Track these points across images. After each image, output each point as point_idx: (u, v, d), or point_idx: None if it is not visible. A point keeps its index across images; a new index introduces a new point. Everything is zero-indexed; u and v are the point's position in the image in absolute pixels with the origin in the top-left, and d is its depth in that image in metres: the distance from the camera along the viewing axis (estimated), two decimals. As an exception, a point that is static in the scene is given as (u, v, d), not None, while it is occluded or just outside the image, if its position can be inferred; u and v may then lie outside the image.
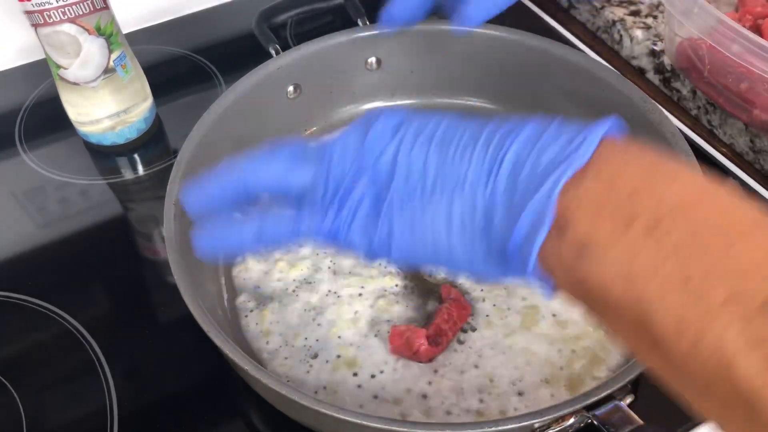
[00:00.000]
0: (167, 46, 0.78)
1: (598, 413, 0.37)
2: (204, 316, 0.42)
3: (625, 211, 0.26)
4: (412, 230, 0.31)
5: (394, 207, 0.31)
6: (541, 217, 0.27)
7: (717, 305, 0.23)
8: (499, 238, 0.29)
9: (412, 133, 0.32)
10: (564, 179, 0.27)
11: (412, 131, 0.32)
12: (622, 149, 0.28)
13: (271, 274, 0.53)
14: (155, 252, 0.60)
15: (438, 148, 0.31)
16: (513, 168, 0.29)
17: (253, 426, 0.48)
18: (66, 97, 0.63)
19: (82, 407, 0.49)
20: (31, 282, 0.57)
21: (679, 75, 0.69)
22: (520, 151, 0.29)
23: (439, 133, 0.32)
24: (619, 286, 0.25)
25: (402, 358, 0.47)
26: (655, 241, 0.25)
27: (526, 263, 0.28)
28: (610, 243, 0.26)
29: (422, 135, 0.32)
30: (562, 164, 0.27)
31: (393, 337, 0.47)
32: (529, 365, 0.47)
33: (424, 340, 0.46)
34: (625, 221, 0.25)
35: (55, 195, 0.64)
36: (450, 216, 0.30)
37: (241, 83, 0.57)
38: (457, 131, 0.31)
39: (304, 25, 0.79)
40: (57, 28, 0.56)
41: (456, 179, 0.30)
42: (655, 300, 0.24)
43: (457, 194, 0.30)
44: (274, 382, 0.39)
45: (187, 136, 0.52)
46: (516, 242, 0.28)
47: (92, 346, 0.52)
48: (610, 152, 0.28)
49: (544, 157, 0.28)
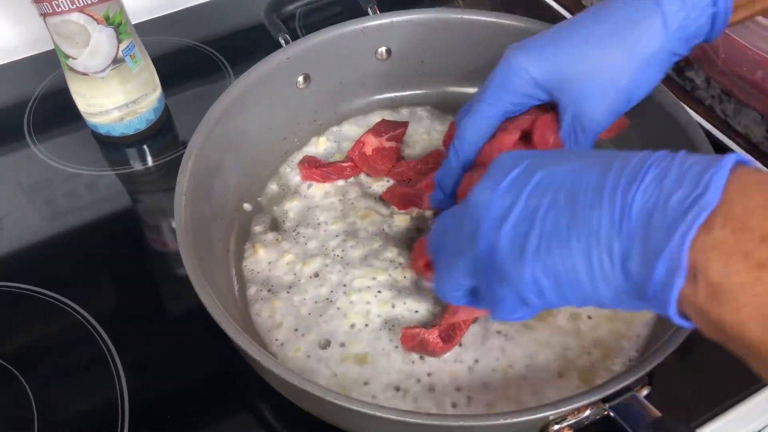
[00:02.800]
0: (176, 36, 0.78)
1: (614, 405, 0.37)
2: (216, 307, 0.41)
3: (758, 256, 0.26)
4: (555, 279, 0.32)
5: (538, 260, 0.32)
6: (675, 267, 0.28)
7: None
8: (639, 282, 0.30)
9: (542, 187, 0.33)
10: (695, 228, 0.27)
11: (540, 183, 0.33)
12: (751, 186, 0.28)
13: (282, 266, 0.53)
14: (164, 244, 0.60)
15: (567, 198, 0.32)
16: (642, 214, 0.29)
17: (263, 417, 0.48)
18: (75, 88, 0.63)
19: (93, 398, 0.49)
20: (42, 273, 0.56)
21: (692, 65, 0.68)
22: (648, 196, 0.29)
23: (567, 184, 0.32)
24: (755, 329, 0.26)
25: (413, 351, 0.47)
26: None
27: (666, 307, 0.29)
28: (743, 288, 0.26)
29: (550, 188, 0.32)
30: (692, 210, 0.27)
31: (405, 338, 0.47)
32: (543, 358, 0.47)
33: (438, 340, 0.46)
34: (758, 265, 0.26)
35: (64, 186, 0.64)
36: (590, 263, 0.31)
37: (251, 73, 0.57)
38: (582, 178, 0.32)
39: (312, 15, 0.78)
40: (66, 17, 0.56)
41: (589, 227, 0.30)
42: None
43: (593, 243, 0.30)
44: (288, 374, 0.38)
45: (197, 127, 0.52)
46: (654, 289, 0.29)
47: (103, 337, 0.52)
48: (737, 191, 0.27)
49: (672, 200, 0.28)
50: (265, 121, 0.59)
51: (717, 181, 0.28)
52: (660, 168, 0.30)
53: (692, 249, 0.27)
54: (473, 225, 0.35)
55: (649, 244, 0.29)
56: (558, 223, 0.31)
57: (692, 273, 0.27)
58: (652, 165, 0.30)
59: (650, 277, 0.29)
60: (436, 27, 0.61)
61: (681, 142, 0.50)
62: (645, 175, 0.30)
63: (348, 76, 0.63)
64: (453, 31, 0.61)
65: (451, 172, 0.47)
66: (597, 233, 0.30)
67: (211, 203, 0.53)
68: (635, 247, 0.29)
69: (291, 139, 0.62)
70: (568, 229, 0.31)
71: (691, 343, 0.38)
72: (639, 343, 0.47)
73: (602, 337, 0.48)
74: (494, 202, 0.34)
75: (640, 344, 0.47)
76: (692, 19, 0.41)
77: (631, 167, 0.30)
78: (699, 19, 0.41)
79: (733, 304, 0.26)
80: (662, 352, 0.38)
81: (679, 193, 0.28)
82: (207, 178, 0.52)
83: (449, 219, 0.39)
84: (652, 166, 0.30)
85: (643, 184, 0.29)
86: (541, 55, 0.43)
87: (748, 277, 0.26)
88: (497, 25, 0.60)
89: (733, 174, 0.28)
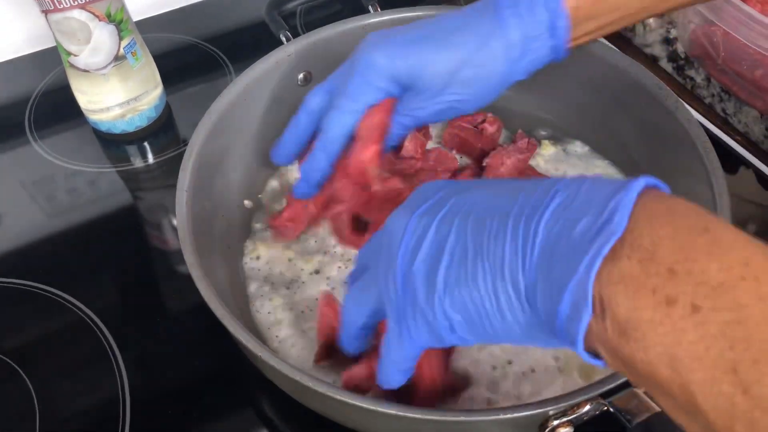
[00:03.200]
0: (177, 34, 0.78)
1: (614, 400, 0.37)
2: (217, 303, 0.41)
3: (666, 291, 0.24)
4: (464, 315, 0.31)
5: (447, 293, 0.31)
6: (581, 300, 0.26)
7: (767, 399, 0.22)
8: (546, 318, 0.29)
9: (452, 213, 0.32)
10: (600, 258, 0.26)
11: (451, 209, 0.33)
12: (660, 214, 0.26)
13: (282, 263, 0.53)
14: (165, 241, 0.60)
15: (474, 227, 0.31)
16: (546, 245, 0.28)
17: (264, 413, 0.48)
18: (76, 85, 0.63)
19: (95, 395, 0.49)
20: (43, 270, 0.57)
21: (692, 63, 0.68)
22: (551, 226, 0.28)
23: (476, 211, 0.31)
24: (665, 370, 0.24)
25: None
26: (698, 324, 0.24)
27: (574, 344, 0.27)
28: (652, 325, 0.25)
29: (459, 214, 0.32)
30: (597, 239, 0.26)
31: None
32: (543, 354, 0.47)
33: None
34: (666, 301, 0.24)
35: (65, 183, 0.64)
36: (497, 298, 0.30)
37: (252, 70, 0.57)
38: (491, 206, 0.31)
39: (314, 13, 0.78)
40: (67, 14, 0.56)
41: (494, 261, 0.30)
42: (703, 389, 0.23)
43: (498, 277, 0.29)
44: (289, 369, 0.38)
45: (198, 124, 0.52)
46: (561, 324, 0.28)
47: (104, 333, 0.52)
48: (645, 219, 0.26)
49: (576, 230, 0.27)
50: (266, 118, 0.59)
51: (623, 207, 0.26)
52: (566, 194, 0.28)
53: (598, 281, 0.26)
54: (389, 249, 0.34)
55: (553, 276, 0.27)
56: (464, 255, 0.31)
57: (600, 307, 0.26)
58: (558, 191, 0.29)
59: (556, 312, 0.27)
60: (436, 25, 0.61)
61: (681, 140, 0.51)
62: (550, 203, 0.28)
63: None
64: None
65: (318, 165, 0.47)
66: (501, 267, 0.29)
67: (212, 200, 0.53)
68: (540, 281, 0.28)
69: (292, 136, 0.62)
70: (473, 261, 0.30)
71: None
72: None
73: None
74: (409, 227, 0.33)
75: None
76: (532, 50, 0.43)
77: (537, 194, 0.29)
78: (539, 51, 0.43)
79: (642, 342, 0.25)
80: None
81: (584, 221, 0.27)
82: (208, 175, 0.52)
83: (371, 242, 0.39)
84: (558, 192, 0.29)
85: (547, 211, 0.28)
86: (404, 54, 0.44)
87: (655, 314, 0.24)
88: (498, 23, 0.60)
89: (642, 200, 0.27)
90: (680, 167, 0.51)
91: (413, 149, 0.59)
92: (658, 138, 0.54)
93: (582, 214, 0.27)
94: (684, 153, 0.50)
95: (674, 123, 0.51)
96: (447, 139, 0.61)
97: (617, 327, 0.26)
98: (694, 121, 0.50)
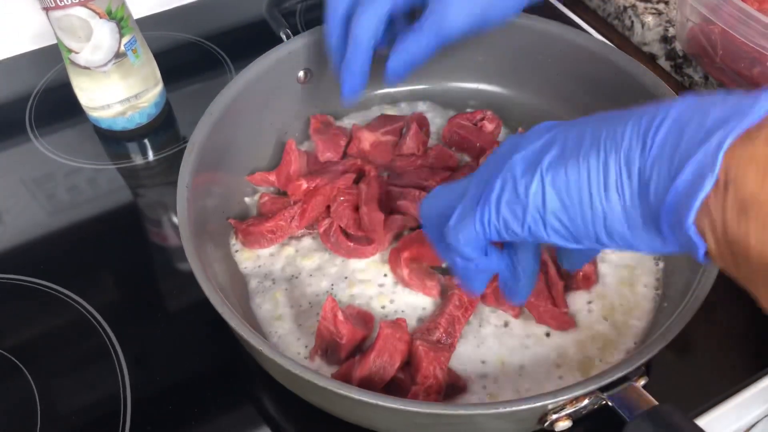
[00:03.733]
0: (177, 32, 0.78)
1: (612, 394, 0.37)
2: (218, 299, 0.42)
3: None
4: (566, 195, 0.31)
5: (550, 170, 0.31)
6: (704, 172, 0.26)
7: None
8: (654, 200, 0.28)
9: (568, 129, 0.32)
10: (733, 135, 0.26)
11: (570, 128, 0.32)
12: None
13: (282, 259, 0.53)
14: (165, 238, 0.60)
15: (596, 122, 0.31)
16: (674, 126, 0.28)
17: (265, 409, 0.49)
18: (77, 82, 0.63)
19: (96, 391, 0.50)
20: (45, 266, 0.57)
21: (691, 61, 0.68)
22: (681, 112, 0.28)
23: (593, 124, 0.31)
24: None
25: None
26: None
27: (682, 223, 0.27)
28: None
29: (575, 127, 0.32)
30: (731, 121, 0.26)
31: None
32: (542, 349, 0.47)
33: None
34: None
35: (65, 180, 0.64)
36: (606, 178, 0.29)
37: (252, 68, 0.57)
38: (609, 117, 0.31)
39: (314, 11, 0.78)
40: (68, 11, 0.56)
41: (612, 142, 0.29)
42: None
43: (612, 156, 0.29)
44: (290, 363, 0.39)
45: (198, 121, 0.52)
46: (672, 201, 0.27)
47: (105, 330, 0.52)
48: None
49: (710, 117, 0.27)
50: (266, 115, 0.60)
51: (763, 100, 0.26)
52: (698, 96, 0.29)
53: (726, 160, 0.26)
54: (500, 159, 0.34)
55: (676, 154, 0.27)
56: (579, 142, 0.31)
57: (723, 181, 0.26)
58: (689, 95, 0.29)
59: (670, 188, 0.27)
60: (436, 22, 0.62)
61: None
62: (683, 100, 0.29)
63: (348, 71, 0.64)
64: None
65: (357, 57, 0.48)
66: (619, 145, 0.29)
67: (212, 197, 0.53)
68: (659, 158, 0.28)
69: (292, 133, 0.62)
70: (588, 144, 0.30)
71: (688, 337, 0.39)
72: (637, 335, 0.48)
73: (601, 329, 0.48)
74: (522, 142, 0.34)
75: (638, 336, 0.48)
76: None
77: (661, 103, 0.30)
78: None
79: (764, 221, 0.25)
80: (659, 342, 0.39)
81: (719, 108, 0.27)
82: (208, 173, 0.52)
83: (457, 182, 0.38)
84: (689, 95, 0.29)
85: (678, 104, 0.28)
86: None
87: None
88: (497, 21, 0.61)
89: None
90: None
91: (414, 146, 0.59)
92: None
93: (717, 105, 0.27)
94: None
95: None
96: (446, 136, 0.61)
97: (738, 203, 0.26)
98: (692, 119, 0.51)
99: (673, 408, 0.36)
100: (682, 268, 0.48)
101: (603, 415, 0.38)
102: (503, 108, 0.64)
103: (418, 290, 0.50)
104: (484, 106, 0.64)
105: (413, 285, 0.50)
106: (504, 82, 0.65)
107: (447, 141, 0.61)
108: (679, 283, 0.46)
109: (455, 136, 0.60)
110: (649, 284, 0.50)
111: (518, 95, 0.65)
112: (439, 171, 0.57)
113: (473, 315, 0.49)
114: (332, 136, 0.59)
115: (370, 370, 0.43)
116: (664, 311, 0.47)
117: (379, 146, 0.59)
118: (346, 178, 0.55)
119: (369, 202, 0.52)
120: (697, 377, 0.48)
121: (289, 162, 0.56)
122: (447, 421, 0.39)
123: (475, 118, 0.62)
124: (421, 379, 0.43)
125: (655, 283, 0.50)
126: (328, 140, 0.59)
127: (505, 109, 0.64)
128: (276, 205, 0.55)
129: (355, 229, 0.52)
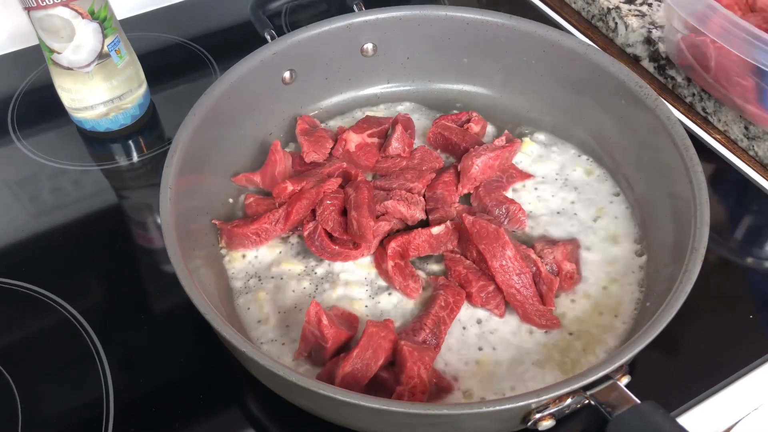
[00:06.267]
0: (162, 33, 0.77)
1: (595, 393, 0.37)
2: (201, 300, 0.41)
3: None
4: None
5: None
6: None
7: None
8: None
9: None
10: None
11: None
12: None
13: (268, 261, 0.53)
14: (149, 240, 0.60)
15: None
16: None
17: (250, 412, 0.48)
18: (60, 83, 0.62)
19: (79, 395, 0.49)
20: (28, 269, 0.56)
21: (673, 63, 0.69)
22: None
23: None
24: None
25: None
26: None
27: None
28: None
29: None
30: None
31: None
32: (525, 348, 0.47)
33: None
34: None
35: (49, 182, 0.63)
36: None
37: (237, 68, 0.57)
38: None
39: (299, 12, 0.79)
40: (50, 11, 0.55)
41: None
42: None
43: None
44: (274, 365, 0.39)
45: (182, 122, 0.52)
46: None
47: (88, 333, 0.52)
48: None
49: None
50: (250, 116, 0.60)
51: None
52: None
53: None
54: None
55: None
56: None
57: None
58: None
59: None
60: (421, 24, 0.62)
61: (662, 137, 0.51)
62: None
63: (334, 72, 0.64)
64: (438, 27, 0.62)
65: None
66: None
67: (196, 198, 0.53)
68: None
69: (277, 134, 0.62)
70: None
71: (671, 337, 0.39)
72: (620, 334, 0.48)
73: (584, 328, 0.48)
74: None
75: (621, 336, 0.48)
76: None
77: None
78: None
79: None
80: (641, 341, 0.39)
81: None
82: (192, 173, 0.52)
83: None
84: None
85: None
86: None
87: None
88: (481, 22, 0.61)
89: None
90: (661, 163, 0.52)
91: (400, 148, 0.59)
92: (639, 135, 0.55)
93: None
94: (664, 150, 0.51)
95: (655, 121, 0.52)
96: (431, 138, 0.61)
97: None
98: (675, 119, 0.51)
99: (655, 406, 0.36)
100: (664, 268, 0.48)
101: (586, 414, 0.38)
102: (490, 110, 0.64)
103: (399, 287, 0.50)
104: (469, 107, 0.64)
105: (395, 280, 0.50)
106: (489, 83, 0.65)
107: (431, 142, 0.61)
108: (661, 284, 0.47)
109: (440, 138, 0.61)
110: (632, 284, 0.51)
111: (504, 96, 0.65)
112: (424, 172, 0.57)
113: (458, 316, 0.49)
114: (318, 137, 0.59)
115: (353, 366, 0.43)
116: (647, 311, 0.47)
117: (365, 148, 0.59)
118: (332, 182, 0.55)
119: (358, 207, 0.52)
120: (680, 376, 0.48)
121: (274, 162, 0.56)
122: (431, 422, 0.39)
123: (461, 119, 0.62)
124: (406, 379, 0.43)
125: (638, 283, 0.51)
126: (314, 142, 0.59)
127: (492, 112, 0.64)
128: (261, 206, 0.55)
129: (340, 232, 0.52)
